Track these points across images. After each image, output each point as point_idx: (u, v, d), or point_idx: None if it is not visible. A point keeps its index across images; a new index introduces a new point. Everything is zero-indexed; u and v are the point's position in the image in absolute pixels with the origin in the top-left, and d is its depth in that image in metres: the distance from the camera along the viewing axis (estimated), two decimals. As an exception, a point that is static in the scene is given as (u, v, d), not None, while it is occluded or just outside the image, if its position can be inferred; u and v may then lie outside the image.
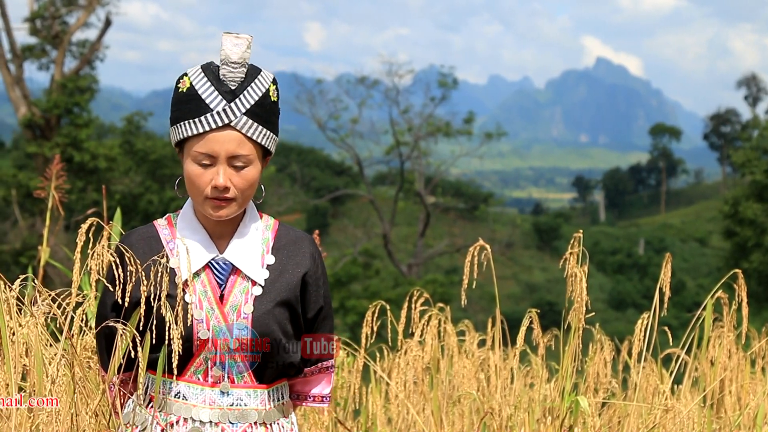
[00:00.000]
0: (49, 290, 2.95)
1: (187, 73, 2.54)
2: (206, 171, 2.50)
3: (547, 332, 4.34)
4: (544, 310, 40.85)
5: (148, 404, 2.56)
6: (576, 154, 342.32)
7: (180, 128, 2.52)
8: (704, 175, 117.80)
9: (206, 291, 2.55)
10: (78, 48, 31.53)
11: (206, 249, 2.57)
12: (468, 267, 3.62)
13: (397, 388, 4.29)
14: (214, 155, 2.49)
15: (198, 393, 2.54)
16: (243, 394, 2.57)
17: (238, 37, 2.50)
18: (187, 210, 2.63)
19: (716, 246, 60.21)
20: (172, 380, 2.54)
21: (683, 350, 4.30)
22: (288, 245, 2.66)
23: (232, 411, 2.55)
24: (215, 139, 2.48)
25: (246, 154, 2.51)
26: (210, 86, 2.50)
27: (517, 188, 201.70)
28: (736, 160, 37.44)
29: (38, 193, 4.32)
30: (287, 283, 2.61)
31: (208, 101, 2.48)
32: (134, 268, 2.50)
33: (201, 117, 2.48)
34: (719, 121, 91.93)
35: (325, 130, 41.89)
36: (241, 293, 2.56)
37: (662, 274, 3.98)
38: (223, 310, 2.54)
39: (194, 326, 2.51)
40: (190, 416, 2.53)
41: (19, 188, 28.91)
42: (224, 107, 2.48)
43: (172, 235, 2.61)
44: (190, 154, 2.51)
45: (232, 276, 2.57)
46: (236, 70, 2.50)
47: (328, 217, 59.31)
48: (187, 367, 2.54)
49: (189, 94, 2.51)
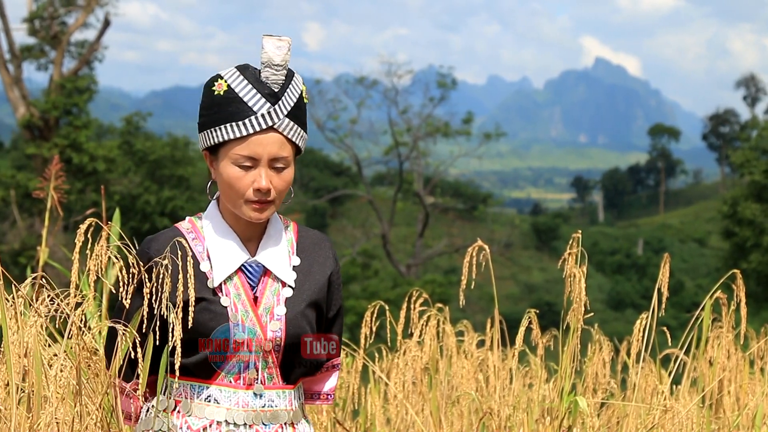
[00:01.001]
0: (49, 291, 2.95)
1: (222, 75, 2.52)
2: (247, 173, 2.49)
3: (546, 332, 4.34)
4: (543, 310, 40.84)
5: (173, 409, 2.55)
6: (575, 155, 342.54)
7: (218, 131, 2.50)
8: (703, 175, 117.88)
9: (240, 294, 2.55)
10: (77, 48, 31.56)
11: (238, 252, 2.57)
12: (467, 267, 3.62)
13: (396, 388, 4.29)
14: (257, 158, 2.48)
15: (231, 395, 2.54)
16: (273, 395, 2.57)
17: (280, 39, 2.49)
18: (214, 213, 2.61)
19: (715, 246, 60.27)
20: (202, 384, 2.54)
21: (682, 350, 4.30)
22: (311, 246, 2.68)
23: (264, 412, 2.56)
24: (258, 141, 2.48)
25: (286, 156, 2.51)
26: (252, 88, 2.48)
27: (515, 188, 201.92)
28: (734, 161, 37.48)
29: (37, 194, 4.32)
30: (316, 283, 2.64)
31: (250, 104, 2.47)
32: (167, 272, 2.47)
33: (245, 120, 2.47)
34: (718, 122, 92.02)
35: (324, 131, 41.91)
36: (273, 295, 2.57)
37: (660, 274, 3.98)
38: (257, 312, 2.55)
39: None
40: (224, 419, 2.53)
41: (17, 189, 28.92)
42: (268, 110, 2.48)
43: (198, 239, 2.60)
44: (228, 156, 2.49)
45: (263, 278, 2.58)
46: (279, 73, 2.49)
47: (327, 218, 59.32)
48: (219, 370, 2.54)
49: (227, 97, 2.49)
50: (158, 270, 2.47)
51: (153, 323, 2.50)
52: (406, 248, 52.97)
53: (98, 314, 3.81)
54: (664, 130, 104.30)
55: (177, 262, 2.49)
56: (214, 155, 2.55)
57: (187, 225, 2.63)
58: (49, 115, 29.50)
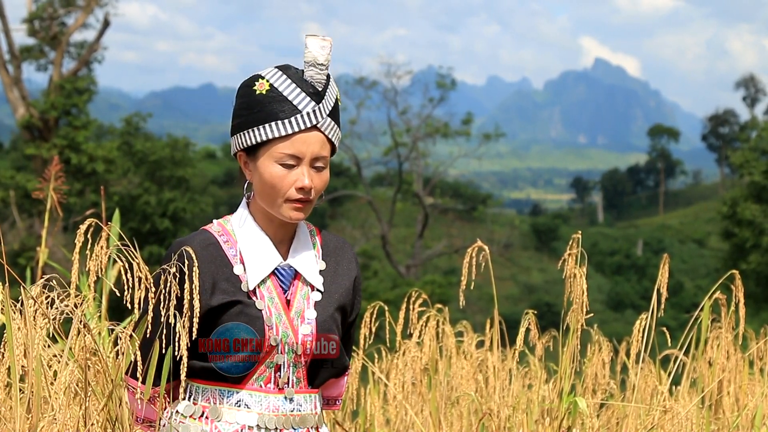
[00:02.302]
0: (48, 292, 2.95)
1: (263, 75, 2.53)
2: (290, 172, 2.50)
3: (546, 333, 4.34)
4: (543, 310, 40.85)
5: (201, 415, 2.53)
6: (574, 155, 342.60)
7: (261, 130, 2.50)
8: (702, 176, 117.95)
9: (273, 297, 2.54)
10: (76, 49, 31.55)
11: (272, 255, 2.56)
12: (466, 268, 3.62)
13: (396, 389, 4.29)
14: (301, 156, 2.49)
15: (261, 400, 2.53)
16: (301, 399, 2.57)
17: (323, 39, 2.51)
18: (245, 215, 2.60)
19: (714, 247, 60.27)
20: (231, 389, 2.53)
21: (681, 351, 4.30)
22: (335, 251, 2.68)
23: (294, 417, 2.55)
24: (302, 140, 2.49)
25: (326, 155, 2.54)
26: (296, 87, 2.50)
27: (515, 189, 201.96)
28: (734, 161, 37.47)
29: (37, 195, 4.32)
30: (343, 288, 2.64)
31: (296, 102, 2.49)
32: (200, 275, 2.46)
33: (290, 118, 2.48)
34: (718, 122, 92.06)
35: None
36: (303, 298, 2.57)
37: (660, 275, 3.99)
38: (289, 315, 2.54)
39: (265, 333, 2.51)
40: (255, 424, 2.51)
41: (17, 189, 28.91)
42: (313, 108, 2.50)
43: (231, 242, 2.58)
44: (271, 155, 2.49)
45: (294, 281, 2.58)
46: (322, 72, 2.52)
47: (327, 218, 59.30)
48: (250, 374, 2.52)
49: (270, 96, 2.50)
50: (173, 276, 2.43)
51: (167, 329, 2.45)
52: (406, 249, 53.00)
53: (98, 315, 3.82)
54: (664, 130, 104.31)
55: (209, 265, 2.49)
56: (252, 155, 2.53)
57: (217, 228, 2.60)
58: (49, 115, 29.51)
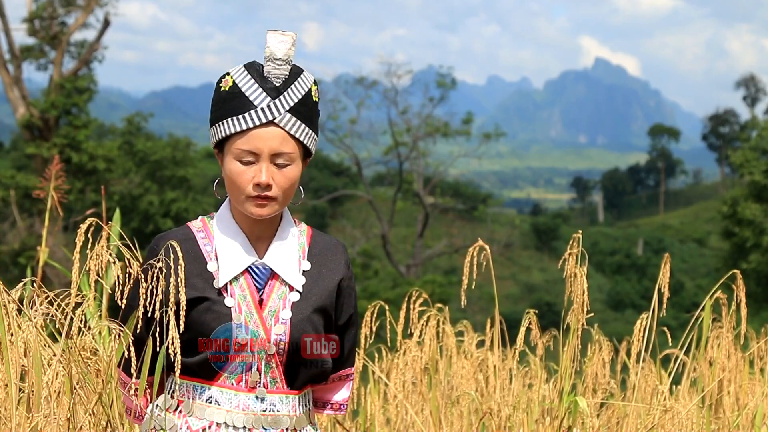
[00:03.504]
0: (48, 291, 2.95)
1: (230, 72, 2.53)
2: (248, 169, 2.49)
3: (546, 333, 4.34)
4: (543, 310, 40.86)
5: (175, 409, 2.54)
6: (574, 155, 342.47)
7: (222, 126, 2.50)
8: (703, 175, 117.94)
9: (245, 295, 2.53)
10: (76, 48, 31.54)
11: (246, 253, 2.55)
12: (467, 267, 3.62)
13: (396, 388, 4.29)
14: (257, 152, 2.48)
15: (232, 398, 2.52)
16: (276, 399, 2.55)
17: (283, 34, 2.49)
18: (225, 212, 2.60)
19: (715, 246, 60.23)
20: (204, 384, 2.53)
21: (682, 351, 4.30)
22: (323, 252, 2.65)
23: (265, 417, 2.54)
24: (258, 135, 2.47)
25: (289, 152, 2.51)
26: (254, 83, 2.49)
27: (515, 189, 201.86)
28: (734, 161, 37.39)
29: (37, 194, 4.32)
30: (324, 289, 2.61)
31: (252, 98, 2.47)
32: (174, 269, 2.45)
33: (245, 113, 2.47)
34: (718, 122, 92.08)
35: (324, 131, 41.91)
36: (279, 298, 2.55)
37: (661, 274, 3.98)
38: (262, 314, 2.53)
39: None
40: (223, 421, 2.51)
41: (17, 189, 28.91)
42: (268, 104, 2.47)
43: (208, 238, 2.59)
44: (231, 151, 2.50)
45: (270, 281, 2.56)
46: (281, 67, 2.49)
47: (327, 218, 59.31)
48: (222, 371, 2.52)
49: (232, 92, 2.50)
50: (154, 270, 2.46)
51: (153, 322, 2.49)
52: (406, 248, 52.98)
53: (98, 314, 3.81)
54: (664, 130, 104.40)
55: (183, 260, 2.47)
56: (221, 152, 2.55)
57: (198, 224, 2.63)
58: (49, 115, 29.51)
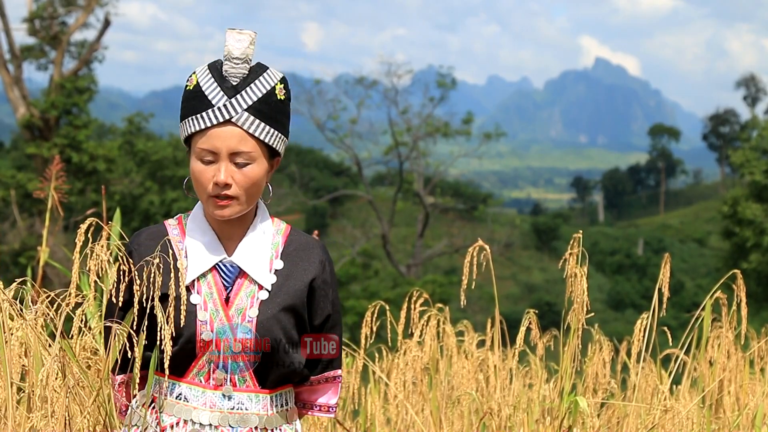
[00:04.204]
0: (48, 291, 2.95)
1: (196, 71, 2.54)
2: (208, 168, 2.49)
3: (546, 333, 4.34)
4: (543, 310, 40.86)
5: (150, 405, 2.55)
6: (575, 155, 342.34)
7: (184, 125, 2.52)
8: (703, 175, 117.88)
9: (212, 293, 2.53)
10: (77, 48, 31.54)
11: (214, 251, 2.56)
12: (467, 267, 3.61)
13: (396, 388, 4.29)
14: (216, 151, 2.48)
15: (199, 395, 2.53)
16: (245, 398, 2.55)
17: (240, 32, 2.49)
18: (197, 210, 2.62)
19: (715, 246, 60.21)
20: (174, 381, 2.53)
21: (682, 351, 4.30)
22: (298, 251, 2.63)
23: (232, 414, 2.54)
24: (216, 135, 2.47)
25: (248, 150, 2.48)
26: (213, 82, 2.49)
27: (515, 189, 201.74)
28: (735, 161, 37.38)
29: (38, 194, 4.32)
30: (294, 288, 2.59)
31: (210, 97, 2.48)
32: (126, 269, 2.48)
33: (203, 113, 2.48)
34: (718, 122, 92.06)
35: (324, 131, 41.90)
36: (247, 297, 2.55)
37: (661, 274, 3.98)
38: (228, 312, 2.53)
39: (198, 327, 2.50)
40: (190, 418, 2.52)
41: (18, 189, 28.90)
42: (225, 102, 2.47)
43: (181, 235, 2.60)
44: (194, 151, 2.51)
45: (239, 279, 2.56)
46: (238, 66, 2.49)
47: (327, 218, 59.33)
48: (189, 368, 2.52)
49: (194, 91, 2.50)
50: (128, 266, 2.48)
51: (132, 319, 2.51)
52: (406, 248, 52.96)
53: (98, 314, 3.81)
54: (664, 130, 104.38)
55: (148, 258, 2.49)
56: (189, 152, 2.56)
57: (173, 221, 2.64)
58: (49, 114, 29.50)
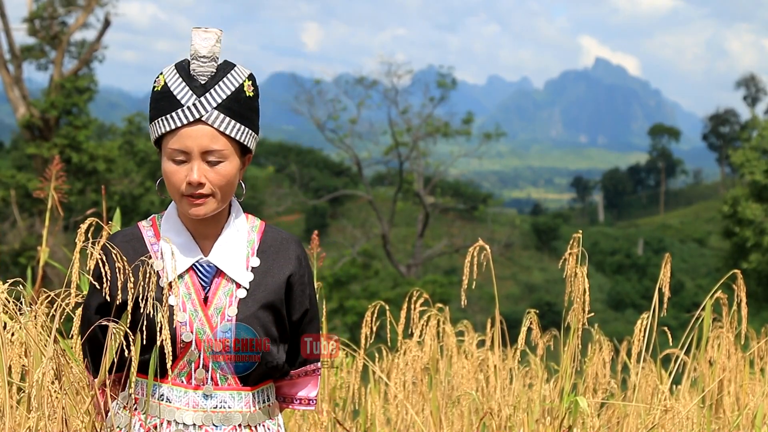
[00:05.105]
0: (48, 290, 2.95)
1: (163, 71, 2.53)
2: (181, 168, 2.48)
3: (546, 332, 4.34)
4: (543, 310, 40.86)
5: (132, 406, 2.55)
6: (575, 155, 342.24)
7: (154, 127, 2.51)
8: (703, 175, 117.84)
9: (190, 293, 2.53)
10: (77, 48, 31.54)
11: (190, 251, 2.55)
12: (467, 267, 3.61)
13: (396, 388, 4.29)
14: (187, 151, 2.47)
15: (181, 396, 2.53)
16: (227, 396, 2.55)
17: (206, 31, 2.49)
18: (171, 211, 2.61)
19: (715, 246, 60.22)
20: (155, 382, 2.52)
21: (682, 351, 4.30)
22: (273, 247, 2.63)
23: (215, 413, 2.54)
24: (187, 134, 2.46)
25: (219, 149, 2.48)
26: (181, 82, 2.48)
27: (515, 189, 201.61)
28: (735, 161, 37.35)
29: (38, 194, 4.32)
30: (271, 285, 2.59)
31: (179, 97, 2.47)
32: (121, 268, 2.47)
33: (173, 113, 2.47)
34: (718, 122, 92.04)
35: (324, 131, 41.90)
36: (226, 295, 2.55)
37: (662, 274, 3.98)
38: (207, 312, 2.53)
39: (177, 329, 2.50)
40: (173, 419, 2.52)
41: (18, 189, 28.91)
42: (194, 102, 2.46)
43: (156, 237, 2.59)
44: (165, 151, 2.50)
45: (216, 278, 2.55)
46: (206, 65, 2.49)
47: (327, 218, 59.31)
48: (171, 369, 2.50)
49: (162, 92, 2.50)
50: (115, 264, 2.48)
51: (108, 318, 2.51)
52: (406, 248, 52.96)
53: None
54: (664, 130, 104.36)
55: (130, 259, 2.49)
56: (160, 152, 2.56)
57: (147, 223, 2.64)
58: (49, 114, 29.50)
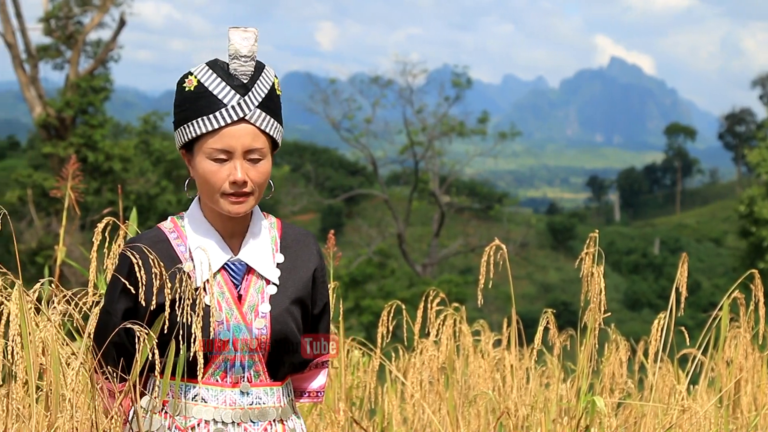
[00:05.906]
0: (66, 289, 2.95)
1: (192, 72, 2.53)
2: (222, 167, 2.50)
3: (563, 332, 4.34)
4: (559, 310, 40.51)
5: (160, 410, 2.55)
6: (590, 154, 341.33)
7: (191, 127, 2.51)
8: (719, 174, 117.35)
9: (223, 292, 2.55)
10: (92, 48, 31.64)
11: (221, 250, 2.58)
12: (484, 267, 3.62)
13: (413, 387, 4.29)
14: (231, 150, 2.50)
15: (218, 394, 2.55)
16: (261, 392, 2.58)
17: (246, 30, 2.50)
18: (195, 211, 2.62)
19: (732, 246, 59.96)
20: (189, 383, 2.54)
21: (699, 350, 4.29)
22: (295, 243, 2.68)
23: (252, 410, 2.56)
24: (231, 133, 2.49)
25: (261, 147, 2.52)
26: (221, 81, 2.50)
27: (531, 188, 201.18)
28: (751, 160, 37.23)
29: (54, 193, 4.34)
30: (300, 280, 2.64)
31: (220, 96, 2.49)
32: (157, 273, 2.48)
33: (215, 113, 2.48)
34: (734, 121, 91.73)
35: (339, 130, 41.91)
36: (257, 292, 2.58)
37: (678, 273, 3.97)
38: (242, 310, 2.55)
39: (215, 328, 2.51)
40: (212, 418, 2.54)
41: (34, 188, 29.01)
42: (238, 101, 2.49)
43: (180, 238, 2.60)
44: (203, 151, 2.51)
45: (246, 276, 2.59)
46: (247, 64, 2.51)
47: (343, 217, 59.32)
48: (205, 369, 2.53)
49: (198, 92, 2.50)
50: (139, 273, 2.48)
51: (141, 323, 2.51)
52: (422, 248, 52.94)
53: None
54: (680, 129, 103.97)
55: (158, 266, 2.49)
56: (190, 152, 2.56)
57: (169, 225, 2.64)
58: (65, 114, 29.59)
